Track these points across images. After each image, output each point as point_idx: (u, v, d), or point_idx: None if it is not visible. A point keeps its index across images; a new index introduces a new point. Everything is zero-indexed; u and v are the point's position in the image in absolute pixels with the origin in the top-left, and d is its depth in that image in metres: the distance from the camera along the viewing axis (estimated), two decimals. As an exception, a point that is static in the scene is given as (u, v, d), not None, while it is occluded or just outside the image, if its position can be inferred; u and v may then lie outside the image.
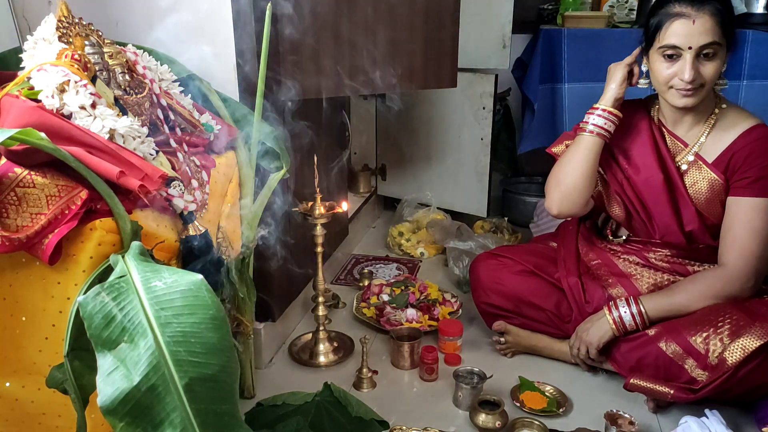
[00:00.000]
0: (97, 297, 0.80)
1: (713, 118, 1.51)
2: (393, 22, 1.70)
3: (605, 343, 1.55)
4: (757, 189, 1.44)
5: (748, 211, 1.45)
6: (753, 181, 1.44)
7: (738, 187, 1.47)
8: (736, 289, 1.47)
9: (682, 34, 1.38)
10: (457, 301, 1.99)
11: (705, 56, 1.39)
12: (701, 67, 1.40)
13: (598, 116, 1.55)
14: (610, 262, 1.66)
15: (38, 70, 1.06)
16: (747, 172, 1.45)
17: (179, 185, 1.11)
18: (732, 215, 1.48)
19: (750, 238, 1.45)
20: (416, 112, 2.60)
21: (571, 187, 1.58)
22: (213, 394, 0.78)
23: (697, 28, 1.37)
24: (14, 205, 0.92)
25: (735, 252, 1.46)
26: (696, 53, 1.38)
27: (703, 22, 1.37)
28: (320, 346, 1.74)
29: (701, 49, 1.38)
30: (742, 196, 1.46)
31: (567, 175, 1.59)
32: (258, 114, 1.38)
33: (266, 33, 1.34)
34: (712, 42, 1.37)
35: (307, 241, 1.68)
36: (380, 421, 1.36)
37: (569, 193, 1.59)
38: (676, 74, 1.41)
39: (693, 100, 1.43)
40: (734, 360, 1.34)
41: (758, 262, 1.45)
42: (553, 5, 2.77)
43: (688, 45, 1.38)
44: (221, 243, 1.32)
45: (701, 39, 1.37)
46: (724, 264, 1.49)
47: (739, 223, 1.46)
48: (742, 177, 1.46)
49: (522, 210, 2.72)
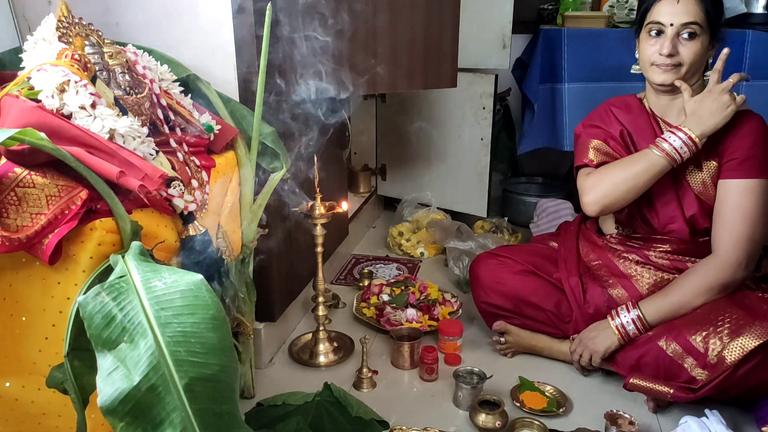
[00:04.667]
0: (97, 297, 0.80)
1: None
2: (393, 22, 1.70)
3: (612, 352, 1.56)
4: (744, 170, 1.46)
5: (736, 193, 1.47)
6: (740, 162, 1.47)
7: (726, 170, 1.49)
8: (729, 275, 1.48)
9: (666, 12, 1.47)
10: (457, 301, 1.99)
11: (686, 36, 1.46)
12: (681, 47, 1.47)
13: (682, 141, 1.46)
14: (611, 263, 1.66)
15: (38, 70, 1.06)
16: (734, 153, 1.48)
17: (179, 185, 1.11)
18: (722, 198, 1.49)
19: (739, 220, 1.46)
20: (416, 112, 2.59)
21: (621, 198, 1.54)
22: (213, 394, 0.78)
23: (680, 7, 1.46)
24: (14, 205, 0.92)
25: (726, 236, 1.48)
26: (677, 31, 1.46)
27: (686, 3, 1.46)
28: (320, 346, 1.74)
29: (682, 27, 1.46)
30: (730, 178, 1.48)
31: (621, 185, 1.53)
32: (258, 114, 1.38)
33: (266, 33, 1.34)
34: (693, 21, 1.45)
35: (307, 241, 1.68)
36: (380, 421, 1.36)
37: (616, 201, 1.55)
38: (657, 50, 1.48)
39: (670, 77, 1.49)
40: (733, 359, 1.35)
41: (749, 245, 1.46)
42: (553, 5, 2.77)
43: (670, 22, 1.46)
44: (221, 243, 1.32)
45: (683, 17, 1.45)
46: (715, 251, 1.50)
47: (729, 205, 1.48)
48: (729, 159, 1.48)
49: (522, 210, 2.72)
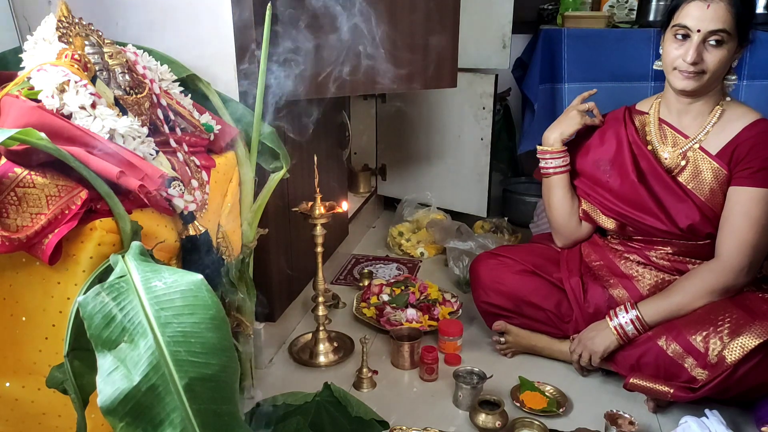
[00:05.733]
0: (97, 297, 0.80)
1: (717, 111, 1.52)
2: (393, 22, 1.70)
3: (611, 352, 1.56)
4: (758, 179, 1.46)
5: (748, 200, 1.47)
6: (755, 171, 1.46)
7: (740, 177, 1.48)
8: (730, 279, 1.48)
9: (694, 17, 1.41)
10: (457, 301, 1.99)
11: (713, 44, 1.41)
12: (706, 53, 1.42)
13: (551, 158, 1.70)
14: (612, 264, 1.66)
15: (38, 70, 1.06)
16: (750, 162, 1.47)
17: (179, 185, 1.11)
18: (732, 205, 1.49)
19: (747, 227, 1.46)
20: (416, 112, 2.59)
21: (563, 225, 1.75)
22: (213, 394, 0.77)
23: (709, 13, 1.40)
24: (14, 205, 0.92)
25: (731, 241, 1.48)
26: (703, 38, 1.41)
27: (717, 9, 1.39)
28: (320, 346, 1.74)
29: (709, 35, 1.40)
30: (743, 185, 1.47)
31: (554, 217, 1.76)
32: (258, 114, 1.38)
33: (266, 33, 1.34)
34: (722, 29, 1.40)
35: (307, 241, 1.68)
36: (380, 421, 1.36)
37: (563, 229, 1.76)
38: (681, 56, 1.44)
39: (692, 84, 1.46)
40: (733, 358, 1.35)
41: (753, 252, 1.47)
42: (553, 5, 2.77)
43: (698, 28, 1.41)
44: (221, 243, 1.32)
45: (711, 24, 1.40)
46: (719, 255, 1.50)
47: (738, 212, 1.47)
48: (745, 167, 1.47)
49: (522, 210, 2.72)
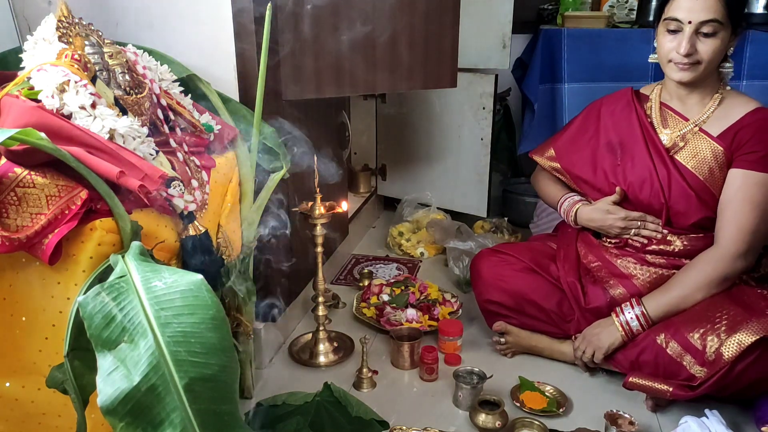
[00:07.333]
0: (97, 297, 0.80)
1: (717, 98, 1.53)
2: (393, 22, 1.70)
3: (615, 349, 1.56)
4: (763, 164, 1.46)
5: (751, 185, 1.46)
6: (761, 156, 1.46)
7: (744, 161, 1.48)
8: (728, 267, 1.48)
9: (685, 8, 1.42)
10: (457, 301, 1.99)
11: (705, 34, 1.42)
12: (699, 44, 1.43)
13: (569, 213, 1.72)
14: (609, 264, 1.66)
15: (38, 70, 1.06)
16: (755, 146, 1.46)
17: (179, 185, 1.11)
18: (734, 188, 1.49)
19: (748, 211, 1.46)
20: (416, 112, 2.59)
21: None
22: (213, 394, 0.78)
23: (699, 3, 1.40)
24: (14, 205, 0.92)
25: (731, 226, 1.47)
26: (695, 29, 1.42)
27: None
28: (320, 346, 1.74)
29: (701, 25, 1.41)
30: (747, 169, 1.47)
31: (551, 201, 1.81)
32: (258, 114, 1.38)
33: (266, 33, 1.34)
34: (713, 19, 1.40)
35: (307, 241, 1.68)
36: (380, 421, 1.36)
37: None
38: (675, 48, 1.45)
39: (689, 75, 1.47)
40: (730, 355, 1.35)
41: (753, 237, 1.47)
42: (553, 5, 2.77)
43: (688, 19, 1.41)
44: (221, 243, 1.32)
45: (702, 15, 1.40)
46: (717, 241, 1.50)
47: (740, 196, 1.47)
48: (749, 151, 1.47)
49: (522, 210, 2.72)
